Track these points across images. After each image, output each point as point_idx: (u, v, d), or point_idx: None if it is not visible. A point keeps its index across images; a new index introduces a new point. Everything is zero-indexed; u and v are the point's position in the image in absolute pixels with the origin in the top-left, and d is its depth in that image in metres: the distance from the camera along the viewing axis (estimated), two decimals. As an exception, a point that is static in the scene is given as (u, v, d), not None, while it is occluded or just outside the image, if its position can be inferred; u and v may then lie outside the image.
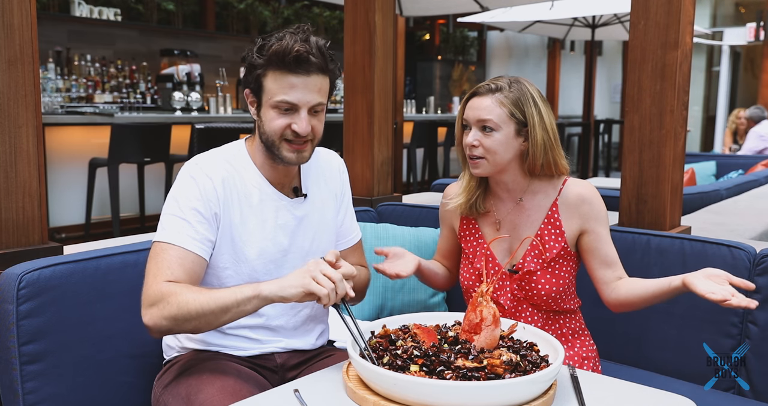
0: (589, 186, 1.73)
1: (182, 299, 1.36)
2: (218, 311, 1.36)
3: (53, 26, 6.15)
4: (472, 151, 1.67)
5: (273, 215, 1.57)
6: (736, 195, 3.62)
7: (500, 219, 1.76)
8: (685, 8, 2.12)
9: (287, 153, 1.51)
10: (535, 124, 1.66)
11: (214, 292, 1.38)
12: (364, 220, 2.38)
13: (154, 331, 1.40)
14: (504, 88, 1.66)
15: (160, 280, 1.40)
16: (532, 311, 1.71)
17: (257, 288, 1.35)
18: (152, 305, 1.38)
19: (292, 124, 1.48)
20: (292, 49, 1.43)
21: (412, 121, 8.09)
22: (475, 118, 1.66)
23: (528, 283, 1.69)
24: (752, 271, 1.87)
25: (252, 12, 8.11)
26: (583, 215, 1.69)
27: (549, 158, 1.68)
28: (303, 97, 1.47)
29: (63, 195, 5.45)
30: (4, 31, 1.67)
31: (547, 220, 1.71)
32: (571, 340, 1.74)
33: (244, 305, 1.36)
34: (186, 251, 1.44)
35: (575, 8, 7.65)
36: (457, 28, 11.03)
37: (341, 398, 1.23)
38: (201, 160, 1.54)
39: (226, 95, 6.44)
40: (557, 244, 1.69)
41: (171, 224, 1.46)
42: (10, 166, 1.70)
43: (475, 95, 1.68)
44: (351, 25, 2.71)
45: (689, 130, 8.09)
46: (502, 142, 1.65)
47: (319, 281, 1.31)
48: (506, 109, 1.64)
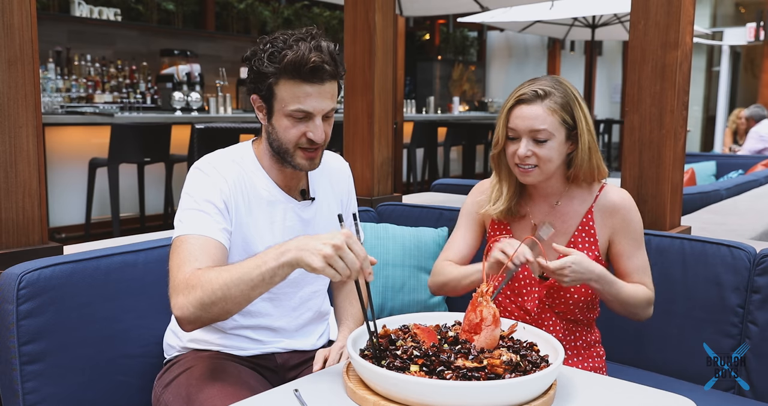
0: (626, 195, 1.68)
1: (205, 281, 1.29)
2: (246, 289, 1.27)
3: (53, 26, 6.15)
4: (524, 161, 1.59)
5: (281, 216, 1.57)
6: (736, 195, 3.62)
7: (536, 223, 1.70)
8: (685, 8, 2.12)
9: (301, 160, 1.51)
10: (583, 127, 1.60)
11: (235, 267, 1.29)
12: (364, 220, 2.38)
13: (184, 321, 1.32)
14: (552, 93, 1.57)
15: (185, 269, 1.35)
16: (555, 320, 1.69)
17: (280, 256, 1.25)
18: (178, 294, 1.32)
19: (308, 132, 1.47)
20: (308, 59, 1.40)
21: (412, 121, 8.09)
22: (527, 128, 1.57)
23: (558, 291, 1.65)
24: (752, 271, 1.87)
25: (252, 12, 8.11)
26: (614, 225, 1.66)
27: (593, 163, 1.63)
28: (318, 105, 1.46)
29: (63, 195, 5.45)
30: (4, 31, 1.67)
31: (581, 227, 1.67)
32: (584, 353, 1.72)
33: (271, 278, 1.27)
34: (208, 239, 1.41)
35: (575, 8, 7.65)
36: (457, 28, 11.04)
37: (341, 398, 1.23)
38: (212, 159, 1.53)
39: (226, 95, 6.44)
40: (590, 252, 1.65)
41: (189, 217, 1.44)
42: (10, 166, 1.70)
43: (521, 102, 1.58)
44: (351, 25, 2.71)
45: (689, 130, 8.09)
46: (555, 150, 1.58)
47: (344, 257, 1.21)
48: (558, 116, 1.57)
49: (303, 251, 1.23)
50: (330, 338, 1.76)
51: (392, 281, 2.24)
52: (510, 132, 1.61)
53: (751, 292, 1.87)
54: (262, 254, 1.30)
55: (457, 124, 8.52)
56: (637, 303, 1.62)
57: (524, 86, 1.60)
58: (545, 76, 1.64)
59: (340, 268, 1.22)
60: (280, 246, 1.28)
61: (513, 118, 1.59)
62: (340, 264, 1.22)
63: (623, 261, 1.66)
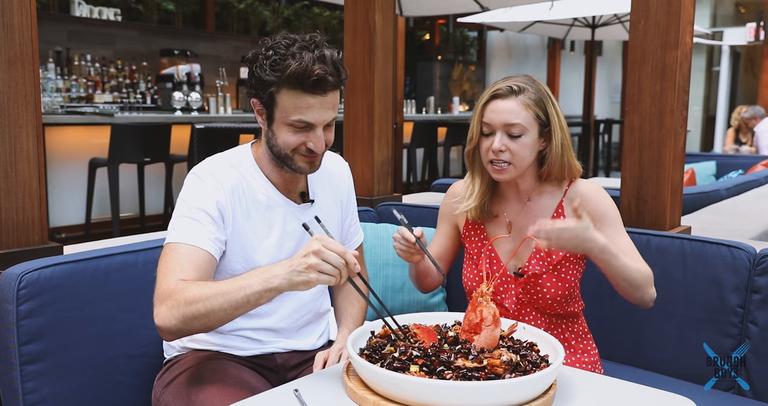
0: (594, 185, 1.70)
1: (188, 295, 1.30)
2: (229, 309, 1.29)
3: (53, 26, 6.15)
4: (498, 157, 1.60)
5: (281, 221, 1.57)
6: (736, 195, 3.62)
7: (511, 221, 1.72)
8: (685, 8, 2.12)
9: (301, 164, 1.51)
10: (556, 124, 1.61)
11: (220, 285, 1.30)
12: (364, 220, 2.38)
13: (165, 331, 1.33)
14: (526, 89, 1.59)
15: (170, 279, 1.35)
16: (536, 315, 1.69)
17: (267, 282, 1.27)
18: (161, 303, 1.33)
19: (308, 142, 1.47)
20: (311, 72, 1.38)
21: (412, 121, 8.09)
22: (501, 122, 1.58)
23: (534, 286, 1.66)
24: (752, 271, 1.87)
25: (252, 12, 8.11)
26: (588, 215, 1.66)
27: (565, 160, 1.64)
28: (320, 117, 1.45)
29: (63, 195, 5.45)
30: (4, 31, 1.67)
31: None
32: (574, 345, 1.72)
33: (256, 300, 1.28)
34: (197, 249, 1.41)
35: (575, 8, 7.65)
36: (457, 28, 11.03)
37: (341, 398, 1.23)
38: (210, 165, 1.53)
39: (226, 95, 6.44)
40: None
41: (181, 224, 1.44)
42: (10, 166, 1.70)
43: (495, 98, 1.60)
44: (351, 25, 2.71)
45: (689, 130, 8.09)
46: (528, 146, 1.60)
47: (327, 259, 1.23)
48: (532, 111, 1.58)
49: (290, 274, 1.25)
50: (330, 338, 1.76)
51: (392, 281, 2.24)
52: (484, 127, 1.62)
53: (751, 292, 1.87)
54: (247, 276, 1.30)
55: (457, 124, 8.52)
56: (643, 279, 1.58)
57: (498, 83, 1.63)
58: (518, 75, 1.66)
59: (329, 270, 1.23)
60: (265, 270, 1.29)
61: (488, 112, 1.61)
62: (326, 267, 1.23)
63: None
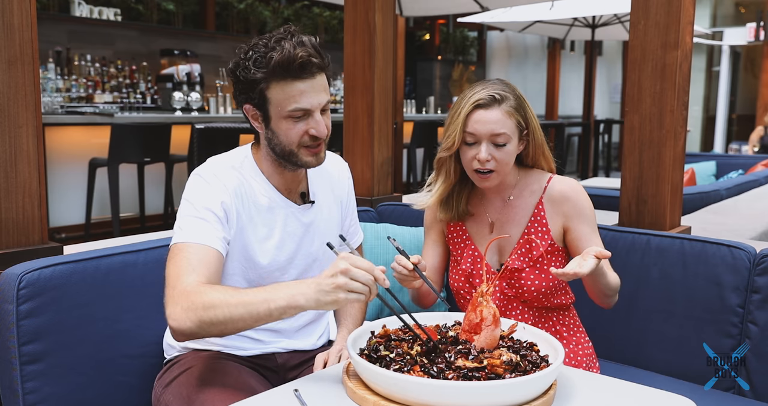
0: (573, 183, 1.73)
1: (207, 300, 1.27)
2: (249, 320, 1.27)
3: (53, 26, 6.14)
4: (484, 166, 1.61)
5: (282, 222, 1.57)
6: (736, 195, 3.62)
7: (493, 220, 1.75)
8: (685, 8, 2.12)
9: (307, 158, 1.51)
10: (534, 125, 1.66)
11: (242, 295, 1.28)
12: (364, 220, 2.38)
13: (178, 333, 1.31)
14: (507, 97, 1.61)
15: (185, 280, 1.34)
16: (523, 309, 1.72)
17: (292, 299, 1.25)
18: (176, 304, 1.31)
19: (310, 129, 1.47)
20: (295, 56, 1.40)
21: (412, 121, 8.08)
22: (487, 132, 1.59)
23: (517, 280, 1.69)
24: (752, 271, 1.87)
25: (252, 12, 8.11)
26: (566, 212, 1.69)
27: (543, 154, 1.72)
28: (314, 100, 1.46)
29: (63, 195, 5.45)
30: (4, 31, 1.67)
31: (533, 217, 1.71)
32: (566, 337, 1.74)
33: (279, 315, 1.27)
34: (207, 248, 1.41)
35: (575, 8, 7.65)
36: (457, 28, 11.03)
37: (341, 398, 1.23)
38: (212, 167, 1.53)
39: (226, 95, 6.44)
40: (543, 241, 1.69)
41: (188, 224, 1.44)
42: (10, 166, 1.70)
43: (479, 107, 1.59)
44: (351, 25, 2.71)
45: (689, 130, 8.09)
46: (512, 153, 1.64)
47: (356, 277, 1.22)
48: (514, 119, 1.61)
49: (318, 294, 1.23)
50: (330, 338, 1.76)
51: (392, 281, 2.23)
52: (468, 137, 1.61)
53: (751, 292, 1.87)
54: (271, 289, 1.28)
55: (457, 124, 8.50)
56: (617, 285, 1.65)
57: (477, 91, 1.61)
58: (492, 80, 1.66)
59: (359, 288, 1.22)
60: (289, 286, 1.27)
61: (472, 123, 1.60)
62: (355, 285, 1.22)
63: (582, 245, 1.67)
